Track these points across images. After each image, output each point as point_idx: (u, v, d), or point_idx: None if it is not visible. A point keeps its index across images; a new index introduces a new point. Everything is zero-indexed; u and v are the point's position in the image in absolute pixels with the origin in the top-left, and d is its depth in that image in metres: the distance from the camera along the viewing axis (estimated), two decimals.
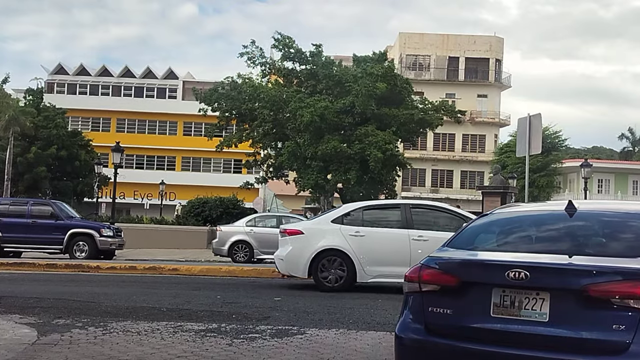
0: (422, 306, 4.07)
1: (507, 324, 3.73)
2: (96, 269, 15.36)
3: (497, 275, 3.78)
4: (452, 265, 4.11)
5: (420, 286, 4.11)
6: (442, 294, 4.02)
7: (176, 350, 6.21)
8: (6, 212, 19.51)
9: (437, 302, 4.02)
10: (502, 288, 3.79)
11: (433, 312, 4.00)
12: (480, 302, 3.84)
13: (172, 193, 56.90)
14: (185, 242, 25.87)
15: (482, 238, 4.46)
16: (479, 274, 3.95)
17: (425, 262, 4.22)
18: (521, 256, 3.94)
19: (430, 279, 4.07)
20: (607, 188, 55.04)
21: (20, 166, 38.94)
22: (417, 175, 60.48)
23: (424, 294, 4.09)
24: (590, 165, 30.46)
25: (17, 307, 8.72)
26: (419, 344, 4.03)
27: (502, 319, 3.77)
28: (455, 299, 3.95)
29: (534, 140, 14.81)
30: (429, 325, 4.01)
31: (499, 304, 3.79)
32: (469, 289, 3.92)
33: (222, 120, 33.87)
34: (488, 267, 3.94)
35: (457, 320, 3.91)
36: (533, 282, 3.69)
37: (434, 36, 63.39)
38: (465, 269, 4.07)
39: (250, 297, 10.68)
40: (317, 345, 6.66)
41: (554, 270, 3.73)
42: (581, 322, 3.57)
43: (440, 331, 3.96)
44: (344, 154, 29.73)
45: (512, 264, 3.76)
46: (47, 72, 65.51)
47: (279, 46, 32.76)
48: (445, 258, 4.20)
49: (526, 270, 3.69)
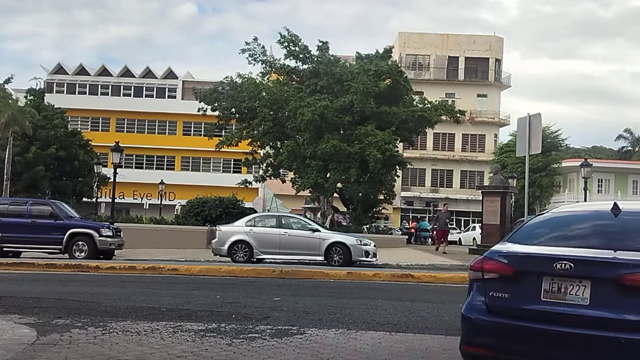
0: (484, 291, 4.82)
1: (554, 307, 4.45)
2: (95, 269, 15.34)
3: (547, 266, 4.52)
4: (510, 258, 4.81)
5: (483, 274, 4.87)
6: (500, 281, 4.74)
7: (176, 350, 6.20)
8: (5, 212, 19.45)
9: (496, 287, 4.75)
10: (551, 277, 4.51)
11: (493, 296, 4.74)
12: (532, 288, 4.56)
13: (171, 193, 56.90)
14: (184, 242, 25.81)
15: (536, 234, 5.11)
16: (532, 265, 4.68)
17: (487, 255, 4.97)
18: (567, 250, 4.61)
19: (491, 269, 4.82)
20: (607, 188, 55.03)
21: (19, 166, 38.93)
22: (417, 175, 60.51)
23: (486, 281, 4.83)
24: (590, 165, 30.44)
25: (17, 307, 8.71)
26: (481, 323, 4.76)
27: (551, 302, 4.48)
28: (511, 285, 4.67)
29: (533, 140, 14.83)
30: (489, 306, 4.74)
31: (548, 289, 4.52)
32: (523, 277, 4.65)
33: (221, 119, 33.85)
34: (540, 259, 4.65)
35: (513, 302, 4.62)
36: (576, 272, 4.39)
37: (433, 36, 63.40)
38: (521, 260, 4.78)
39: (250, 297, 10.67)
40: (317, 345, 6.65)
41: (593, 262, 4.41)
42: (617, 306, 4.24)
43: (499, 312, 4.67)
44: (344, 153, 29.71)
45: (559, 257, 4.49)
46: (46, 72, 65.45)
47: (284, 43, 32.70)
48: (504, 251, 4.93)
49: (571, 262, 4.41)
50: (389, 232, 35.84)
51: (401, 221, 55.24)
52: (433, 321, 8.49)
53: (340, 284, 13.61)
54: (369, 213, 34.23)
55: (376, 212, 35.59)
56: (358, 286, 13.10)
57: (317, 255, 19.14)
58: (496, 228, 25.53)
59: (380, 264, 19.22)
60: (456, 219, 55.04)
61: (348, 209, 35.23)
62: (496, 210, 25.48)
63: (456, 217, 55.29)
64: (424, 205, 59.18)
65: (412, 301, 10.60)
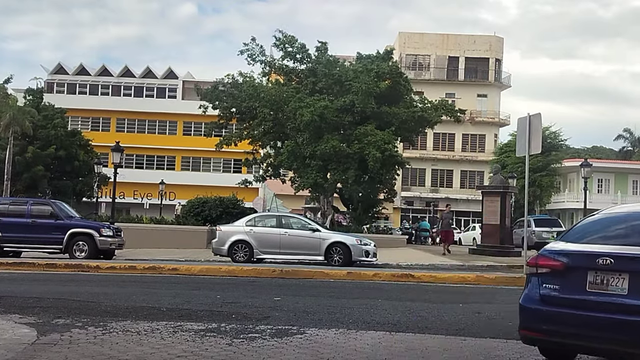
0: (538, 283, 5.68)
1: (598, 296, 5.24)
2: (96, 268, 15.35)
3: (591, 262, 5.33)
4: (560, 255, 5.65)
5: (537, 269, 5.74)
6: (552, 275, 5.59)
7: (176, 350, 6.20)
8: (6, 212, 19.44)
9: (548, 280, 5.61)
10: (594, 271, 5.30)
11: (546, 287, 5.60)
12: (579, 281, 5.38)
13: (171, 193, 56.88)
14: (184, 242, 25.81)
15: (584, 233, 5.87)
16: (578, 261, 5.48)
17: (541, 252, 5.87)
18: (609, 248, 5.39)
19: (544, 264, 5.69)
20: (607, 188, 55.01)
21: (19, 166, 38.91)
22: (417, 174, 60.50)
23: (540, 275, 5.69)
24: (590, 165, 30.40)
25: (17, 307, 8.72)
26: (536, 310, 5.61)
27: (595, 293, 5.27)
28: (561, 278, 5.52)
29: (533, 140, 14.81)
30: (543, 297, 5.60)
31: (592, 281, 5.32)
32: (571, 271, 5.48)
33: (222, 118, 33.85)
34: (585, 256, 5.45)
35: (562, 293, 5.46)
36: (616, 266, 5.18)
37: (433, 36, 63.37)
38: (569, 257, 5.57)
39: (250, 297, 10.68)
40: (317, 345, 6.66)
41: (631, 258, 5.17)
42: None
43: (551, 301, 5.52)
44: (343, 153, 29.70)
45: (601, 254, 5.29)
46: (46, 72, 65.47)
47: (280, 45, 32.71)
48: (555, 249, 5.79)
49: (611, 258, 5.21)
50: (389, 232, 35.83)
51: (401, 221, 55.23)
52: (433, 321, 8.50)
53: (340, 283, 13.61)
54: (369, 213, 34.21)
55: (376, 212, 35.57)
56: (358, 286, 13.10)
57: (317, 255, 19.14)
58: (496, 228, 25.54)
59: (380, 264, 19.22)
60: (456, 219, 54.98)
61: (348, 209, 35.22)
62: (496, 210, 25.47)
63: (456, 217, 55.22)
64: (424, 205, 59.18)
65: (412, 301, 10.61)
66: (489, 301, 11.05)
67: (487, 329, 7.95)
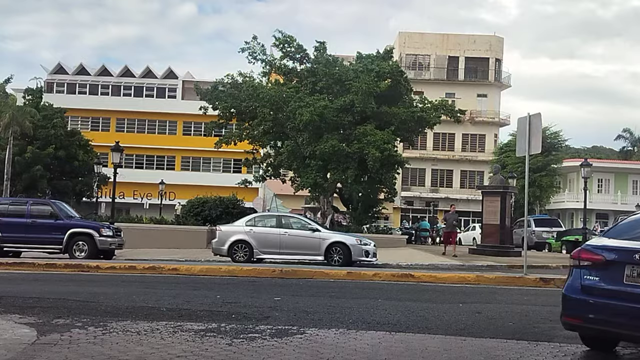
0: (580, 275, 6.22)
1: (634, 288, 5.76)
2: (96, 268, 15.35)
3: (629, 257, 5.88)
4: (601, 249, 6.18)
5: (579, 262, 6.27)
6: (592, 267, 6.13)
7: (176, 350, 6.20)
8: (6, 212, 19.43)
9: (589, 272, 6.14)
10: (632, 265, 5.84)
11: (587, 279, 6.14)
12: (617, 273, 5.91)
13: (171, 193, 56.88)
14: (184, 242, 25.81)
15: (625, 231, 6.41)
16: (617, 256, 6.01)
17: (583, 247, 6.45)
18: None
19: (586, 258, 6.23)
20: (607, 188, 55.03)
21: (18, 166, 38.91)
22: (417, 174, 60.51)
23: (581, 267, 6.23)
24: (590, 165, 30.39)
25: (17, 307, 8.72)
26: (577, 299, 6.17)
27: (631, 285, 5.80)
28: (601, 271, 6.05)
29: (533, 140, 14.80)
30: (584, 287, 6.13)
31: (629, 274, 5.84)
32: (610, 264, 6.01)
33: (222, 118, 33.84)
34: (623, 251, 5.99)
35: (601, 284, 6.00)
36: None
37: (433, 36, 63.36)
38: (609, 252, 6.10)
39: (250, 297, 10.67)
40: (317, 345, 6.65)
41: None
42: None
43: (591, 292, 6.05)
44: (343, 153, 29.70)
45: (638, 250, 5.83)
46: (46, 72, 65.47)
47: (279, 45, 32.71)
48: (597, 244, 6.36)
49: None
50: (389, 232, 35.82)
51: (401, 221, 55.22)
52: (433, 321, 8.49)
53: (340, 283, 13.60)
54: (369, 213, 34.20)
55: (376, 212, 35.56)
56: (358, 286, 13.09)
57: (317, 255, 19.13)
58: (496, 228, 25.52)
59: (380, 264, 19.21)
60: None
61: (348, 208, 35.22)
62: (496, 210, 25.46)
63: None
64: (424, 205, 59.18)
65: (412, 301, 10.60)
66: (489, 301, 11.04)
67: (487, 329, 7.95)
